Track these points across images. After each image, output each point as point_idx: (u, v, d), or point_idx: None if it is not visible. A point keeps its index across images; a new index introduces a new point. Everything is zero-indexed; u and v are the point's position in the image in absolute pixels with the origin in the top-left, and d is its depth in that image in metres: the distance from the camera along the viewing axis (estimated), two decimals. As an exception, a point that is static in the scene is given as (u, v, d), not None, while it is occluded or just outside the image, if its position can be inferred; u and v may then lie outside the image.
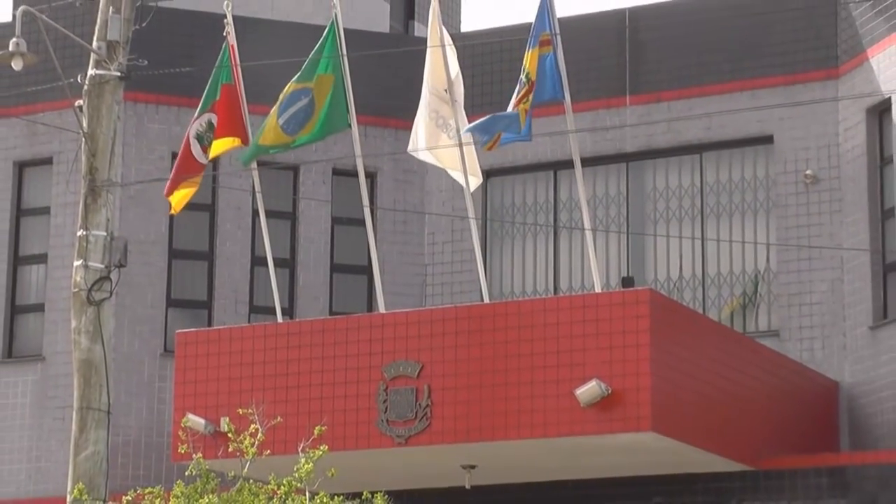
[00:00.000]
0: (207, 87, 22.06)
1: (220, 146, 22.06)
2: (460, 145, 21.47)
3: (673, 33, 24.80)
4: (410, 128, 21.73)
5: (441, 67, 21.58)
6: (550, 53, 21.04)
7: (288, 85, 22.01)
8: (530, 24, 22.16)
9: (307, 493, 16.97)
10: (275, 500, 16.73)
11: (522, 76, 21.03)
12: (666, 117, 24.38)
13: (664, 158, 24.91)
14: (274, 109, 21.99)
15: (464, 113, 21.56)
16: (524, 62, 21.09)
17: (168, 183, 21.88)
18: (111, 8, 19.85)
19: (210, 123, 22.08)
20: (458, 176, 21.69)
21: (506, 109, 24.03)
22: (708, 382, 20.79)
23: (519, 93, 20.82)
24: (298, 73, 22.04)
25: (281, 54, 22.61)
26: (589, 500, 21.80)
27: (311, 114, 22.14)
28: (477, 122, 20.79)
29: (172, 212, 22.47)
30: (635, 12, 25.07)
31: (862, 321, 23.11)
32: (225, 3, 22.77)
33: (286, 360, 21.15)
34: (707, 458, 20.48)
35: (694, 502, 21.46)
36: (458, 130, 21.44)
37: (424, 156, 21.73)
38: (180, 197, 22.12)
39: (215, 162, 23.10)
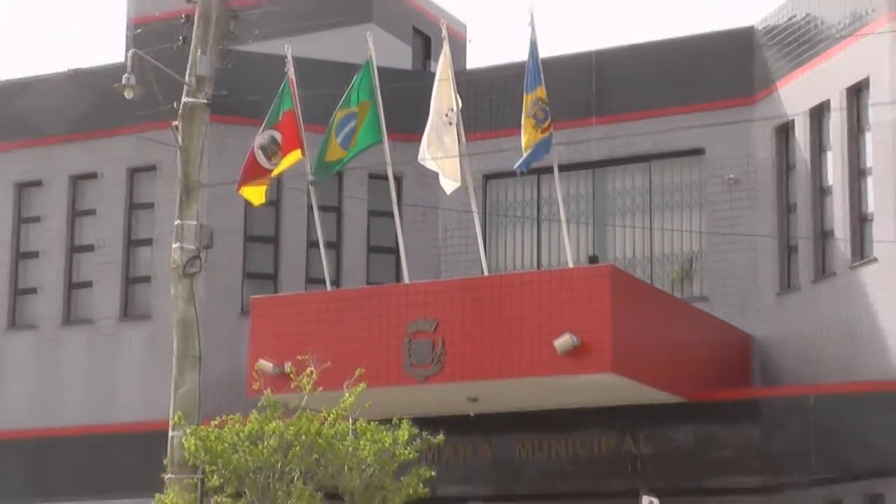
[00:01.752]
0: (270, 111, 21.91)
1: (288, 160, 21.88)
2: (461, 157, 21.44)
3: (628, 70, 24.77)
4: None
5: (446, 96, 21.56)
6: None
7: (337, 111, 21.97)
8: (520, 62, 22.27)
9: (350, 419, 17.20)
10: (325, 425, 16.92)
11: (545, 107, 21.00)
12: (623, 134, 24.39)
13: (622, 165, 24.82)
14: (332, 130, 21.98)
15: (462, 132, 21.51)
16: (542, 95, 21.04)
17: (238, 181, 21.87)
18: (199, 51, 20.03)
19: (272, 138, 21.81)
20: (443, 181, 21.64)
21: (499, 129, 24.38)
22: (655, 335, 20.89)
23: (544, 121, 20.91)
24: (342, 100, 21.98)
25: (327, 86, 22.60)
26: (563, 425, 21.72)
27: (355, 131, 22.28)
28: (526, 159, 20.87)
29: (255, 204, 22.35)
30: (599, 54, 24.97)
31: (770, 290, 23.30)
32: (286, 46, 22.90)
33: (333, 319, 21.13)
34: (654, 392, 20.52)
35: (645, 426, 21.33)
36: (459, 140, 21.41)
37: (429, 164, 21.73)
38: (253, 193, 21.98)
39: (278, 169, 23.04)
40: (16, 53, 77.25)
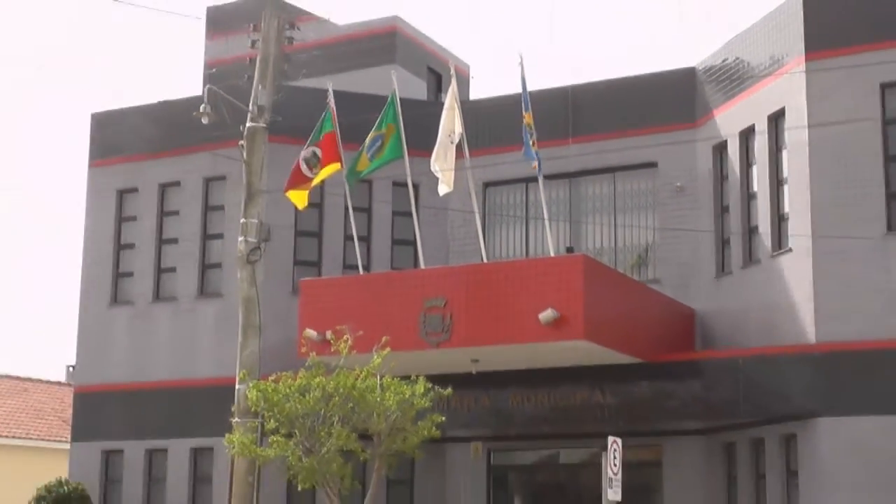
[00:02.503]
0: (314, 132, 21.91)
1: (326, 171, 21.95)
2: (468, 170, 21.73)
3: (597, 100, 24.48)
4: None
5: (452, 122, 21.53)
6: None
7: (371, 133, 22.09)
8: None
9: (377, 376, 17.25)
10: (358, 380, 16.98)
11: (531, 130, 21.00)
12: (593, 151, 24.12)
13: (592, 176, 24.52)
14: (363, 148, 22.09)
15: (466, 149, 21.60)
16: (529, 121, 21.07)
17: (286, 185, 21.89)
18: (260, 86, 20.18)
19: (314, 153, 21.80)
20: (441, 186, 21.61)
21: (495, 146, 24.35)
22: (618, 310, 20.78)
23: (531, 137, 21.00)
24: (375, 125, 22.10)
25: (360, 114, 22.67)
26: (546, 381, 21.72)
27: (382, 148, 22.27)
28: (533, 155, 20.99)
29: (299, 207, 22.40)
30: (575, 88, 24.63)
31: (709, 274, 23.16)
32: (328, 83, 23.05)
33: (364, 297, 21.14)
34: (617, 355, 20.48)
35: (610, 382, 21.24)
36: (463, 155, 21.51)
37: (437, 173, 21.61)
38: (298, 196, 22.09)
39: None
40: (118, 88, 77.58)
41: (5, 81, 77.62)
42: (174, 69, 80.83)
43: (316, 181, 22.10)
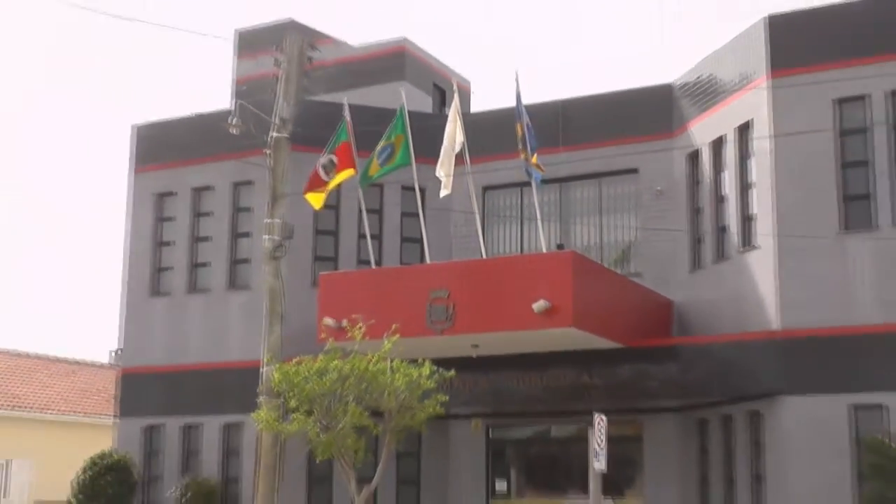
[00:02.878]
0: (330, 141, 21.80)
1: (341, 176, 21.86)
2: (469, 176, 21.78)
3: (585, 113, 24.36)
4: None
5: (454, 133, 21.44)
6: (526, 128, 21.06)
7: (380, 142, 22.02)
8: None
9: (388, 360, 17.11)
10: (371, 363, 16.78)
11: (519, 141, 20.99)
12: (581, 158, 24.04)
13: (581, 180, 24.44)
14: (374, 155, 22.00)
15: (468, 157, 21.48)
16: (519, 133, 20.96)
17: (304, 188, 21.80)
18: (283, 100, 20.20)
19: (330, 160, 21.64)
20: (442, 190, 21.43)
21: (493, 154, 24.19)
22: (603, 300, 20.73)
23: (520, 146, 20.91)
24: (385, 135, 22.01)
25: (372, 125, 22.54)
26: (539, 364, 21.70)
27: (392, 156, 22.23)
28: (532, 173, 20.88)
29: (316, 208, 22.34)
30: (565, 102, 24.57)
31: (684, 268, 23.08)
32: (344, 98, 23.01)
33: (376, 289, 21.09)
34: (603, 340, 20.42)
35: (596, 364, 21.28)
36: (465, 163, 21.45)
37: (441, 178, 21.57)
38: (315, 198, 21.96)
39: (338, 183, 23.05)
40: (155, 103, 77.58)
41: (53, 97, 77.75)
42: (205, 85, 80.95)
43: (332, 185, 22.00)
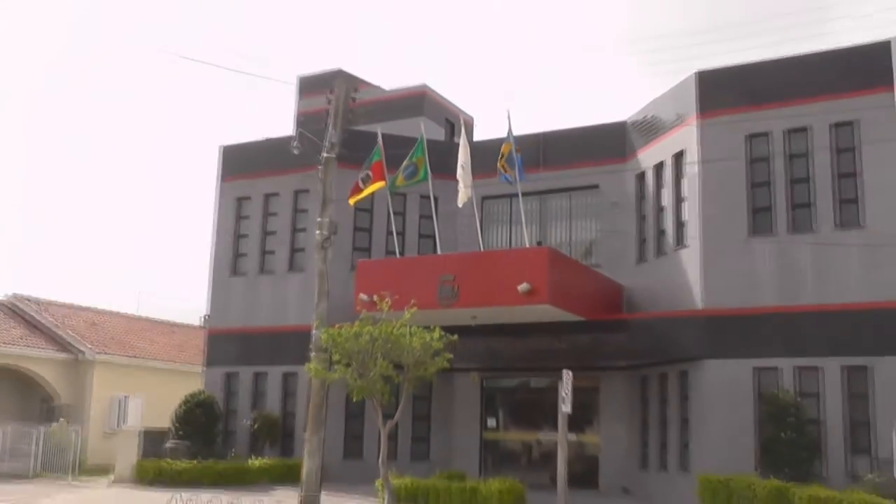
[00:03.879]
0: (367, 160, 21.72)
1: (375, 186, 21.76)
2: (472, 189, 21.67)
3: (559, 142, 24.15)
4: (455, 180, 21.20)
5: (464, 156, 21.36)
6: (514, 154, 21.05)
7: (405, 162, 21.98)
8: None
9: (408, 326, 17.14)
10: (394, 329, 16.57)
11: (502, 158, 20.96)
12: (557, 176, 23.92)
13: (557, 193, 24.14)
14: (400, 171, 21.91)
15: (471, 174, 21.35)
16: (504, 151, 21.00)
17: (348, 195, 21.78)
18: (332, 129, 20.07)
19: (367, 174, 21.59)
20: (459, 199, 21.32)
21: (491, 173, 23.73)
22: (571, 284, 20.31)
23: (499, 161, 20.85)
24: (408, 157, 21.96)
25: (398, 149, 22.43)
26: (522, 332, 21.31)
27: (416, 173, 22.23)
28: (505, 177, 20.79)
29: (350, 204, 22.29)
30: (545, 134, 24.32)
31: (632, 261, 22.74)
32: (378, 129, 23.01)
33: (400, 273, 20.92)
34: (570, 315, 20.16)
35: (565, 333, 20.87)
36: (469, 177, 21.42)
37: (459, 191, 21.38)
38: (354, 201, 22.14)
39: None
40: (238, 130, 77.54)
41: (158, 132, 77.74)
42: (275, 117, 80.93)
43: (366, 192, 21.98)
